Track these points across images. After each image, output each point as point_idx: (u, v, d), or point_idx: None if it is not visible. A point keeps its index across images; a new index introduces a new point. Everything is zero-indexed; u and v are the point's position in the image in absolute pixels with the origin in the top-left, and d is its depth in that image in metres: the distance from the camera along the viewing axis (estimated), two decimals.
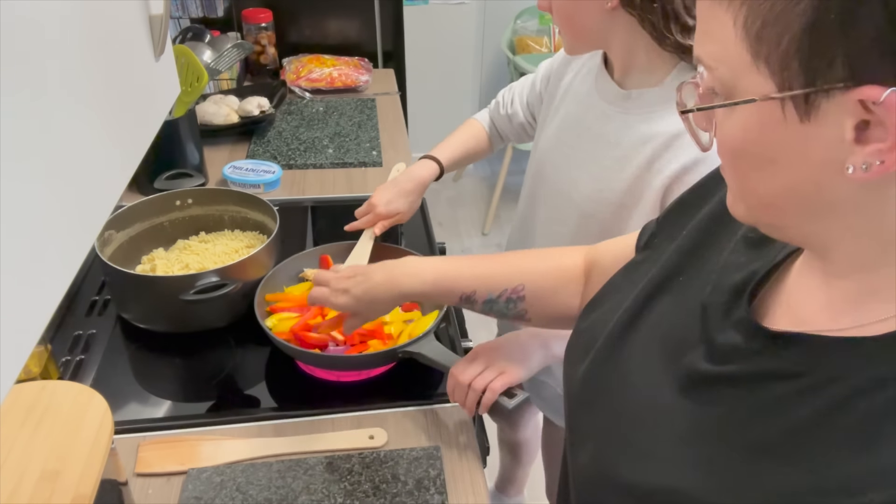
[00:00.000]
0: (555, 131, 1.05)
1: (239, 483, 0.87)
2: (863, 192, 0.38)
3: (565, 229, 1.02)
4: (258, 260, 1.13)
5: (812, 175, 0.39)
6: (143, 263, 1.22)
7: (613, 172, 0.94)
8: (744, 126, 0.40)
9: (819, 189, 0.39)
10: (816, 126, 0.37)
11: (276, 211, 1.23)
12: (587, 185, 0.97)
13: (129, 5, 0.61)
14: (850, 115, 0.35)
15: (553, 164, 1.04)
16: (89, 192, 0.50)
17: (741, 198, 0.45)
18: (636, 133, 0.92)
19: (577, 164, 0.99)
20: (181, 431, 0.96)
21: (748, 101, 0.39)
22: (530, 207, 1.13)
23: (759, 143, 0.40)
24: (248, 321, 1.08)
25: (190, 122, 1.52)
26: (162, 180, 1.46)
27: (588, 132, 0.98)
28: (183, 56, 1.48)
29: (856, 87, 0.34)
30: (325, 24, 2.31)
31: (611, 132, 0.95)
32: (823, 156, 0.37)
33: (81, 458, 0.67)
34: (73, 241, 0.47)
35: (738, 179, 0.44)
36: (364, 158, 1.71)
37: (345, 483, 0.88)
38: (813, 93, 0.36)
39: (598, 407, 0.57)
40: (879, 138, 0.35)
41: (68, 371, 1.06)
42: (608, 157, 0.94)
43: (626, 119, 0.93)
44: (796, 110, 0.37)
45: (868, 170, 0.36)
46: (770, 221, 0.44)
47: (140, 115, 0.64)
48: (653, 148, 0.89)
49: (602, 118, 0.96)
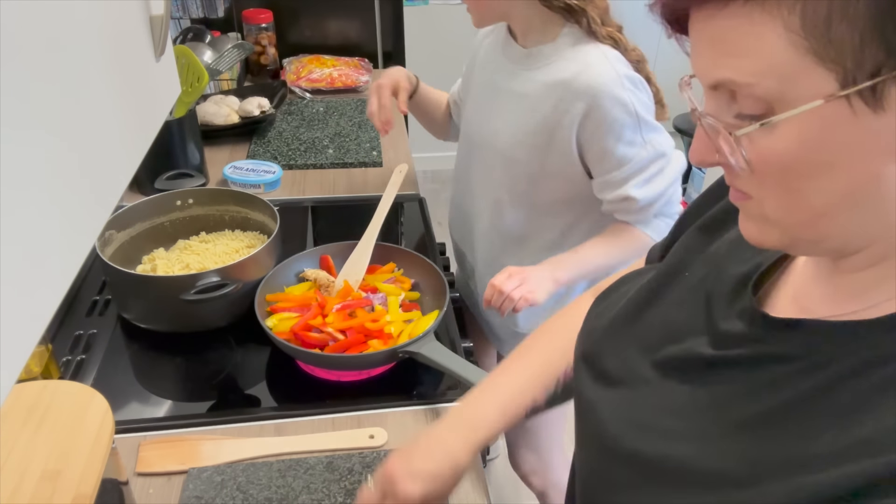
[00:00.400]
0: (475, 98, 1.24)
1: (239, 482, 0.88)
2: None
3: (496, 174, 1.19)
4: (258, 260, 1.13)
5: (874, 168, 0.38)
6: (144, 263, 1.23)
7: (526, 119, 1.11)
8: (798, 136, 0.38)
9: (878, 182, 0.38)
10: (885, 115, 0.36)
11: (276, 211, 1.23)
12: (506, 133, 1.14)
13: (130, 6, 0.61)
14: None
15: (478, 123, 1.22)
16: (90, 192, 0.50)
17: (781, 220, 0.42)
18: (539, 83, 1.09)
19: (496, 117, 1.16)
20: (182, 431, 0.96)
21: (811, 105, 0.37)
22: (465, 165, 1.28)
23: (819, 149, 0.38)
24: (248, 321, 1.08)
25: (190, 122, 1.53)
26: (162, 180, 1.46)
27: (501, 90, 1.16)
28: (183, 56, 1.48)
29: None
30: (325, 25, 2.32)
31: (519, 86, 1.12)
32: (888, 144, 0.37)
33: (82, 458, 0.67)
34: (74, 241, 0.47)
35: (782, 198, 0.41)
36: (364, 159, 1.71)
37: (345, 482, 0.88)
38: (881, 81, 0.35)
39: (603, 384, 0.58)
40: None
41: (69, 371, 1.07)
42: (520, 107, 1.12)
43: (530, 74, 1.11)
44: (865, 103, 0.36)
45: None
46: (814, 236, 0.42)
47: (141, 116, 0.64)
48: (556, 93, 1.06)
49: (510, 76, 1.14)
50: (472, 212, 1.29)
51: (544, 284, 1.09)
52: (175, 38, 1.97)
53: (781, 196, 0.41)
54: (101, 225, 0.53)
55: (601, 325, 0.62)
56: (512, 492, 1.97)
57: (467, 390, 1.02)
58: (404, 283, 1.18)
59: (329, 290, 1.14)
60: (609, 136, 1.05)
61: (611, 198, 1.11)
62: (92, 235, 0.50)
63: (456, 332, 1.15)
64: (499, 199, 1.20)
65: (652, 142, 1.08)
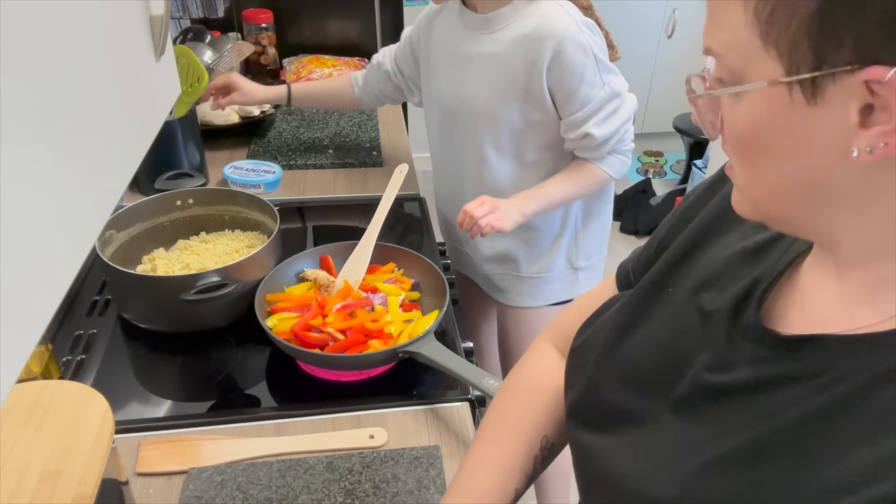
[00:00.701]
0: (443, 70, 1.31)
1: (239, 482, 0.88)
2: (868, 176, 0.38)
3: (480, 134, 1.27)
4: (258, 260, 1.13)
5: (818, 160, 0.39)
6: (144, 263, 1.23)
7: (499, 76, 1.20)
8: (752, 113, 0.40)
9: (825, 174, 0.39)
10: (823, 110, 0.37)
11: (276, 211, 1.23)
12: (484, 94, 1.23)
13: (130, 6, 0.61)
14: (856, 99, 0.36)
15: (451, 92, 1.29)
16: (90, 192, 0.50)
17: (748, 192, 0.45)
18: (505, 42, 1.19)
19: (470, 82, 1.25)
20: (182, 431, 0.96)
21: (756, 86, 0.39)
22: (447, 135, 1.36)
23: (767, 130, 0.40)
24: (248, 321, 1.08)
25: (190, 122, 1.53)
26: (162, 180, 1.46)
27: (469, 57, 1.24)
28: (183, 56, 1.48)
29: (862, 68, 0.35)
30: (325, 25, 2.32)
31: (486, 48, 1.22)
32: (829, 140, 0.38)
33: (82, 458, 0.67)
34: (74, 241, 0.47)
35: (746, 170, 0.44)
36: (364, 159, 1.71)
37: (345, 482, 0.88)
38: (820, 76, 0.36)
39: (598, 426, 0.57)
40: (884, 121, 0.36)
41: (69, 371, 1.07)
42: (491, 67, 1.21)
43: (494, 36, 1.21)
44: (803, 94, 0.37)
45: (872, 152, 0.36)
46: (777, 214, 0.44)
47: (141, 116, 0.64)
48: (523, 47, 1.16)
49: (475, 43, 1.23)
50: (460, 175, 1.36)
51: (512, 215, 1.22)
52: (175, 38, 1.97)
53: (744, 168, 0.44)
54: (101, 225, 0.53)
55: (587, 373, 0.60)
56: None
57: (467, 390, 1.03)
58: (404, 283, 1.18)
59: (329, 290, 1.14)
60: (573, 78, 1.17)
61: (573, 136, 1.23)
62: (92, 235, 0.50)
63: (456, 332, 1.15)
64: (486, 156, 1.29)
65: (609, 83, 1.19)
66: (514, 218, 1.22)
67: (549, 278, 1.42)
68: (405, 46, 1.44)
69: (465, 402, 1.02)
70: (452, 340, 1.13)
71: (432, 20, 1.34)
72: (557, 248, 1.39)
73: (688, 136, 3.39)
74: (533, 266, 1.40)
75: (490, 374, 0.94)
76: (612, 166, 1.27)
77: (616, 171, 1.28)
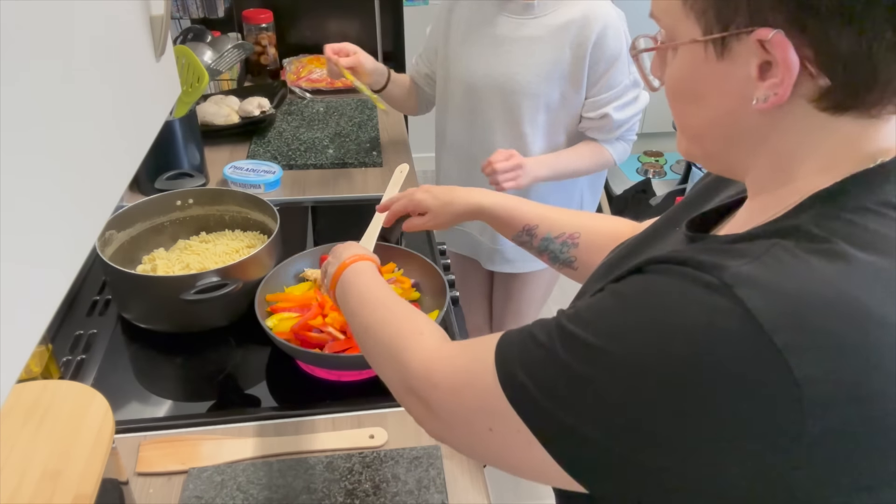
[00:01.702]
0: (476, 53, 1.38)
1: (240, 482, 0.88)
2: (765, 122, 0.47)
3: (520, 111, 1.37)
4: (259, 260, 1.13)
5: (728, 107, 0.48)
6: (144, 263, 1.23)
7: (545, 57, 1.32)
8: (680, 66, 0.50)
9: (734, 120, 0.48)
10: (730, 64, 0.46)
11: (276, 211, 1.23)
12: (527, 73, 1.33)
13: (130, 6, 0.61)
14: (755, 56, 0.44)
15: (488, 75, 1.37)
16: (90, 192, 0.50)
17: (681, 133, 0.54)
18: (552, 27, 1.31)
19: (512, 63, 1.34)
20: (182, 431, 0.96)
21: (680, 44, 0.48)
22: (471, 117, 1.44)
23: (689, 80, 0.49)
24: (248, 321, 1.08)
25: (190, 122, 1.53)
26: (163, 180, 1.46)
27: (512, 39, 1.34)
28: (183, 56, 1.48)
29: (755, 29, 0.43)
30: (325, 25, 2.32)
31: (531, 32, 1.32)
32: (736, 90, 0.46)
33: (82, 458, 0.67)
34: (74, 241, 0.47)
35: (678, 116, 0.53)
36: (364, 159, 1.71)
37: (345, 482, 0.88)
38: (727, 36, 0.45)
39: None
40: (774, 75, 0.44)
41: (69, 371, 1.07)
42: (536, 49, 1.32)
43: (537, 20, 1.32)
44: (715, 51, 0.46)
45: (766, 101, 0.45)
46: (701, 152, 0.54)
47: (141, 116, 0.64)
48: (570, 31, 1.29)
49: (519, 26, 1.34)
50: (487, 151, 1.37)
51: (528, 177, 1.32)
52: (175, 38, 1.97)
53: (675, 113, 0.53)
54: (101, 225, 0.53)
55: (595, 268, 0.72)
56: (512, 492, 1.97)
57: None
58: (404, 283, 1.18)
59: None
60: (608, 62, 1.30)
61: (592, 115, 1.36)
62: (92, 235, 0.50)
63: (456, 332, 1.15)
64: (523, 133, 1.40)
65: (634, 73, 1.32)
66: (528, 180, 1.33)
67: None
68: (430, 45, 1.54)
69: None
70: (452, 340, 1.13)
71: (451, 9, 1.43)
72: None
73: None
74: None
75: None
76: (617, 151, 1.41)
77: (619, 156, 1.41)
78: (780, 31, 0.42)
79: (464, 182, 1.49)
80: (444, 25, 1.45)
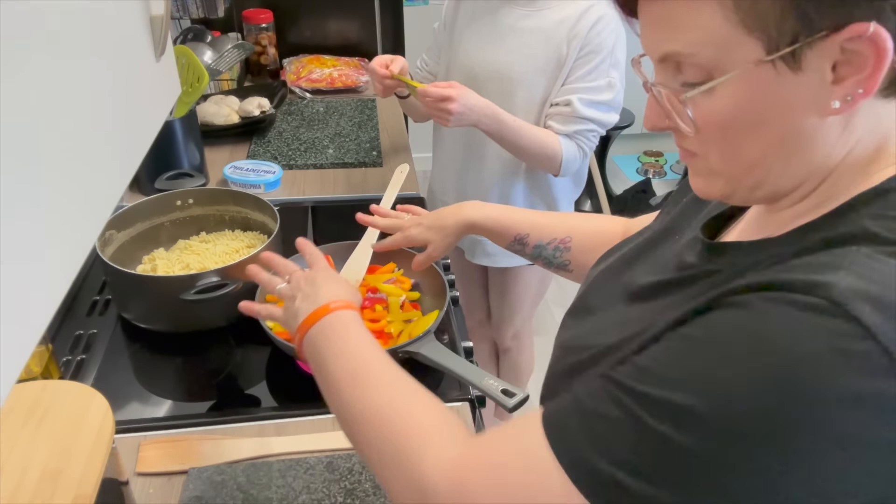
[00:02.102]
0: (476, 40, 1.40)
1: (240, 482, 0.88)
2: (833, 126, 0.44)
3: (514, 99, 1.37)
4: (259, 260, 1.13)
5: (795, 123, 0.44)
6: (144, 263, 1.23)
7: (542, 49, 1.33)
8: (733, 96, 0.44)
9: (799, 134, 0.45)
10: (802, 77, 0.42)
11: (276, 211, 1.23)
12: (523, 62, 1.35)
13: (130, 6, 0.61)
14: (829, 59, 0.42)
15: (486, 60, 1.39)
16: (90, 192, 0.50)
17: (724, 171, 0.49)
18: (552, 20, 1.33)
19: (511, 51, 1.36)
20: (182, 431, 0.96)
21: (742, 70, 0.43)
22: None
23: (750, 107, 0.45)
24: (248, 321, 1.07)
25: (190, 122, 1.53)
26: (163, 180, 1.46)
27: (513, 29, 1.36)
28: (183, 56, 1.48)
29: (838, 31, 0.40)
30: (325, 25, 2.32)
31: (532, 24, 1.35)
32: (806, 102, 0.43)
33: (83, 458, 0.67)
34: (75, 241, 0.47)
35: (725, 151, 0.47)
36: (364, 159, 1.71)
37: (345, 482, 0.88)
38: (799, 47, 0.41)
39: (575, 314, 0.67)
40: (856, 70, 0.41)
41: (69, 371, 1.07)
42: (535, 40, 1.34)
43: (541, 14, 1.34)
44: (787, 66, 0.42)
45: (852, 100, 0.42)
46: (751, 184, 0.49)
47: (141, 116, 0.64)
48: (567, 24, 1.31)
49: (521, 17, 1.36)
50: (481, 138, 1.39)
51: (468, 117, 1.28)
52: (175, 38, 1.98)
53: (723, 150, 0.48)
54: (101, 225, 0.53)
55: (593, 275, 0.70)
56: None
57: (467, 390, 1.03)
58: (404, 283, 1.18)
59: None
60: (589, 55, 1.31)
61: (558, 100, 1.34)
62: (92, 235, 0.50)
63: (456, 332, 1.15)
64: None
65: (611, 76, 1.31)
66: (469, 120, 1.28)
67: None
68: (435, 42, 1.55)
69: (465, 402, 1.02)
70: (452, 340, 1.13)
71: (457, 7, 1.46)
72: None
73: None
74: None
75: (490, 374, 0.94)
76: (567, 149, 1.35)
77: (567, 156, 1.35)
78: (874, 22, 0.40)
79: (460, 172, 1.52)
80: (452, 16, 1.47)
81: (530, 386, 2.03)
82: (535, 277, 1.66)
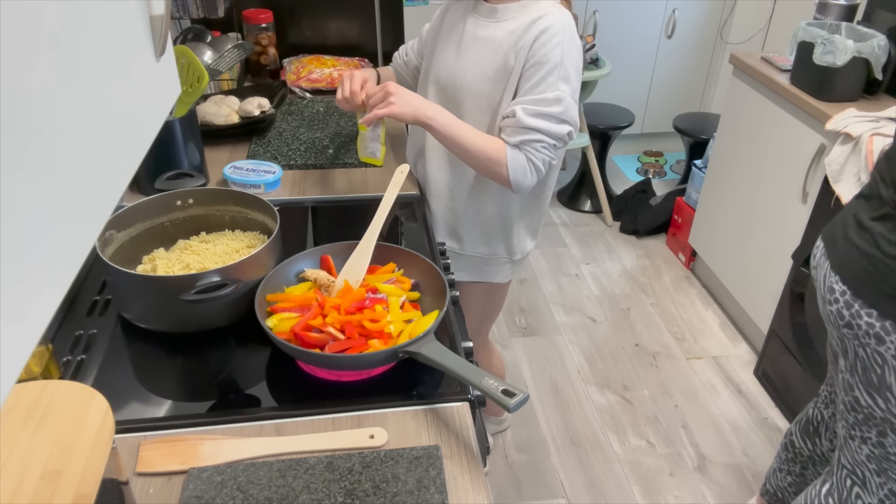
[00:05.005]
0: (445, 48, 1.46)
1: (240, 482, 0.88)
2: None
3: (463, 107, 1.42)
4: (259, 260, 1.13)
5: None
6: (144, 263, 1.23)
7: (491, 58, 1.36)
8: None
9: None
10: None
11: (276, 211, 1.23)
12: (474, 71, 1.39)
13: (130, 6, 0.61)
14: None
15: (447, 67, 1.44)
16: (90, 192, 0.50)
17: None
18: (504, 30, 1.35)
19: (465, 59, 1.41)
20: (182, 431, 0.96)
21: None
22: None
23: None
24: (248, 321, 1.08)
25: (190, 122, 1.53)
26: (163, 180, 1.46)
27: (471, 37, 1.41)
28: (183, 56, 1.48)
29: None
30: (325, 25, 2.32)
31: (487, 33, 1.38)
32: None
33: (83, 458, 0.67)
34: (74, 241, 0.47)
35: None
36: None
37: (345, 482, 0.88)
38: None
39: None
40: None
41: (69, 371, 1.07)
42: (486, 49, 1.37)
43: (498, 24, 1.37)
44: None
45: None
46: None
47: (141, 116, 0.64)
48: (515, 35, 1.33)
49: (481, 27, 1.40)
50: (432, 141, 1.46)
51: (410, 111, 1.32)
52: (175, 38, 1.97)
53: None
54: (101, 225, 0.53)
55: None
56: (512, 491, 1.97)
57: (467, 390, 1.03)
58: (404, 283, 1.18)
59: (329, 290, 1.14)
60: (536, 66, 1.30)
61: (506, 112, 1.35)
62: (92, 235, 0.50)
63: (456, 332, 1.15)
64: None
65: (559, 90, 1.30)
66: (409, 110, 1.32)
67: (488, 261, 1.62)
68: (426, 37, 1.58)
69: (465, 402, 1.02)
70: (452, 340, 1.13)
71: (448, 7, 1.50)
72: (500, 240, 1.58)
73: (688, 136, 3.38)
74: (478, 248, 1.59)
75: (490, 375, 0.94)
76: (515, 160, 1.33)
77: (513, 167, 1.33)
78: None
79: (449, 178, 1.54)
80: (438, 22, 1.51)
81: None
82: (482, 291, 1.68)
